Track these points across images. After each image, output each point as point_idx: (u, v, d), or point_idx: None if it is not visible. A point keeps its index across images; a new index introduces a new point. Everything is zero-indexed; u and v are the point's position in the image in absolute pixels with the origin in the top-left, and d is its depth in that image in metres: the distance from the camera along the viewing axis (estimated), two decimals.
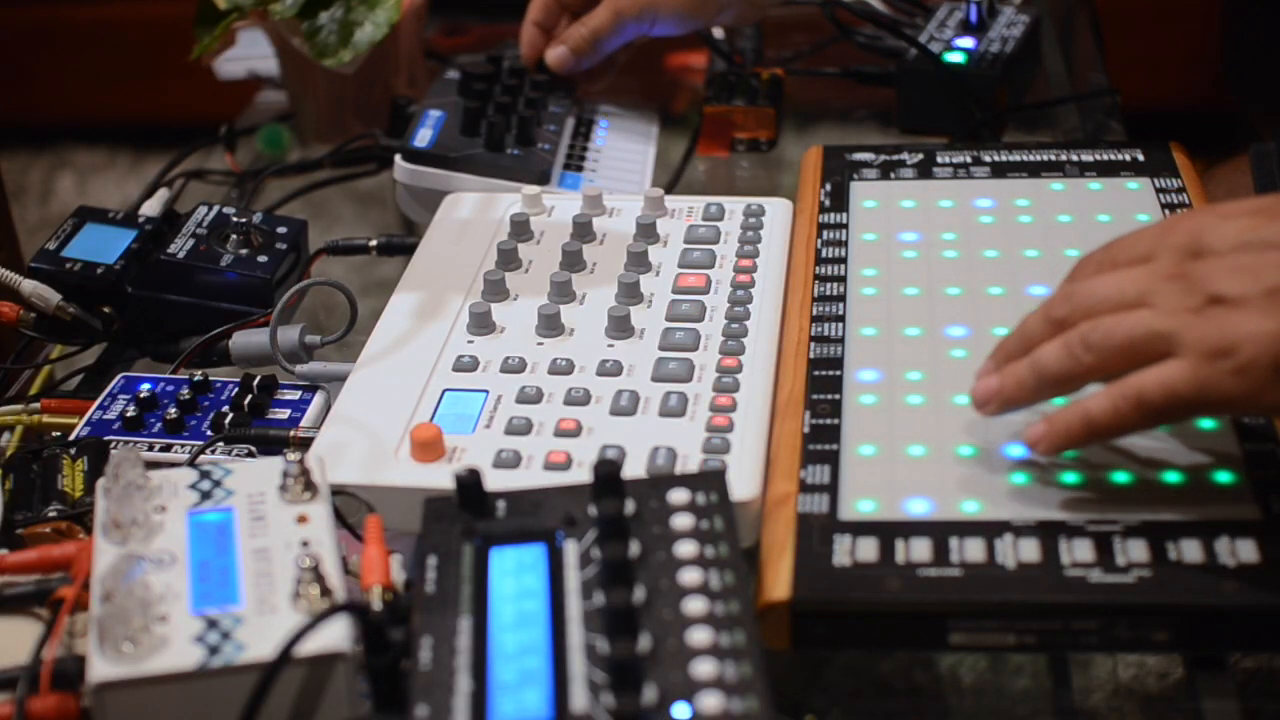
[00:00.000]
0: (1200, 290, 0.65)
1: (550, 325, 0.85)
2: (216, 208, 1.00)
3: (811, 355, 0.81)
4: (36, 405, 0.89)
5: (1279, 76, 1.52)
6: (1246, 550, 0.65)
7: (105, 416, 0.86)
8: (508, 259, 0.91)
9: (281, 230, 0.99)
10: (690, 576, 0.61)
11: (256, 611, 0.63)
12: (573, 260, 0.91)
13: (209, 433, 0.84)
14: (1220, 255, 0.66)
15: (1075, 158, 0.97)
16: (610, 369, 0.81)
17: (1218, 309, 0.64)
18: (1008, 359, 0.72)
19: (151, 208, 1.03)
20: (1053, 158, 0.98)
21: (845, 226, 0.93)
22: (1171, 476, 0.70)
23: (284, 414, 0.85)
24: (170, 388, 0.88)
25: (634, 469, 0.74)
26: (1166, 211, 0.91)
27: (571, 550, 0.64)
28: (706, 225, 0.94)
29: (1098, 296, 0.68)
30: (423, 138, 1.04)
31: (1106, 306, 0.68)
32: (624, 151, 1.10)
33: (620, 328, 0.84)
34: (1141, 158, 0.97)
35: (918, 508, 0.69)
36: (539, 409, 0.79)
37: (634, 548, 0.63)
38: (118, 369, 0.94)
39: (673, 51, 1.33)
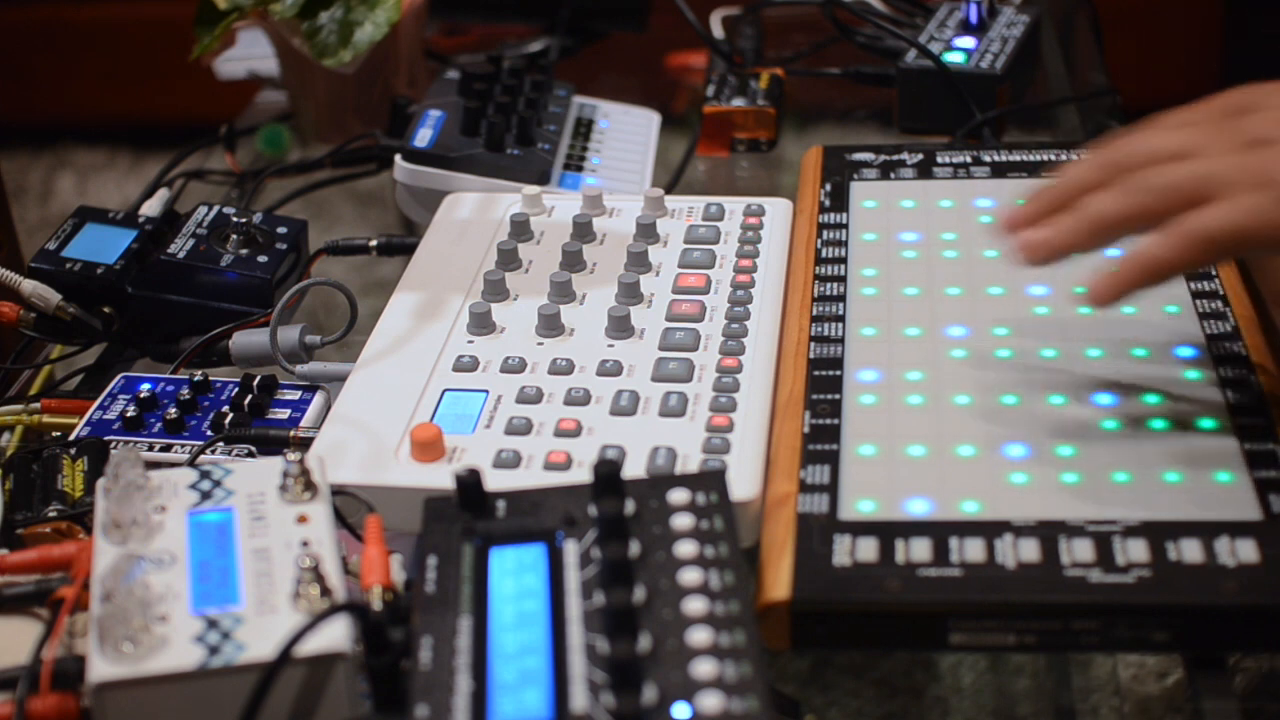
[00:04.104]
0: (1244, 135, 0.69)
1: (550, 325, 0.85)
2: (216, 208, 1.00)
3: (811, 355, 0.81)
4: (36, 405, 0.89)
5: (1278, 76, 1.52)
6: (1246, 550, 0.65)
7: (105, 416, 0.86)
8: (508, 259, 0.91)
9: (281, 230, 0.99)
10: (690, 576, 0.61)
11: (256, 611, 0.63)
12: (573, 260, 0.91)
13: (209, 433, 0.84)
14: (1262, 110, 0.70)
15: (1075, 158, 0.97)
16: (610, 369, 0.81)
17: (1262, 148, 0.68)
18: (1048, 210, 0.72)
19: (151, 208, 1.02)
20: (1053, 158, 0.98)
21: (845, 226, 0.93)
22: (1171, 476, 0.70)
23: (284, 414, 0.85)
24: (170, 388, 0.88)
25: (634, 469, 0.74)
26: None
27: (571, 550, 0.64)
28: (706, 225, 0.94)
29: (1147, 147, 0.71)
30: (423, 138, 1.04)
31: (1155, 158, 0.70)
32: (624, 152, 1.10)
33: (620, 328, 0.84)
34: None
35: (918, 508, 0.69)
36: (539, 409, 0.79)
37: (634, 548, 0.63)
38: (118, 369, 0.94)
39: (673, 51, 1.33)
